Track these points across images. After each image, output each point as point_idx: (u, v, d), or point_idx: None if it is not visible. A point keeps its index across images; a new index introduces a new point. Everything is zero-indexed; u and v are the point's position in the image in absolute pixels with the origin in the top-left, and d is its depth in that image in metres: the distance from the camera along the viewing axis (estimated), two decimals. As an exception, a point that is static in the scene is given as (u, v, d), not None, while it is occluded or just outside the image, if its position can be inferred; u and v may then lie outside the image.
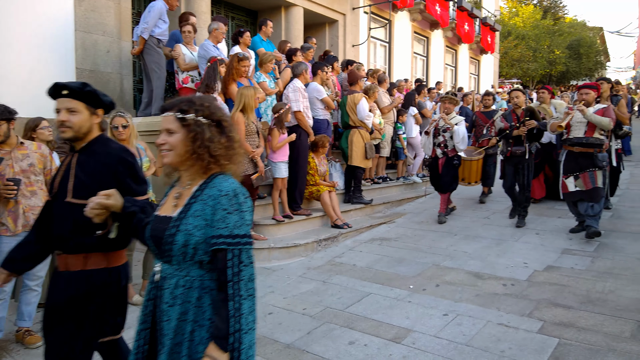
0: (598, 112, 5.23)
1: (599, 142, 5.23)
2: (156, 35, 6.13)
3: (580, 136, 5.28)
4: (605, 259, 4.76)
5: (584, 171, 5.25)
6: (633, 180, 8.69)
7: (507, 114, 6.33)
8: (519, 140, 6.03)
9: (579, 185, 5.29)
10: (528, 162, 6.05)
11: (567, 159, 5.42)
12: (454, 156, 6.48)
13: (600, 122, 5.14)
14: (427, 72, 15.67)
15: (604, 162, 5.19)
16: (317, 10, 10.40)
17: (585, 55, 29.01)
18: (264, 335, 3.62)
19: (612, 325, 3.41)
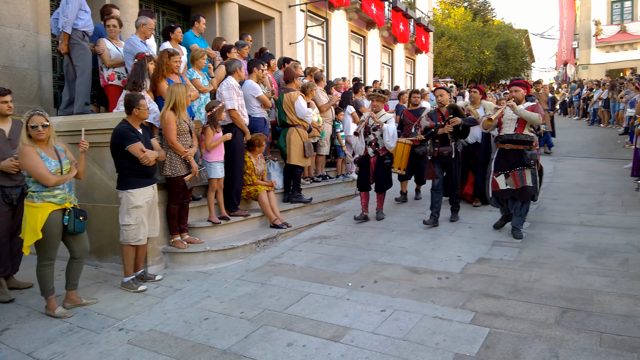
0: (527, 108, 5.33)
1: (529, 139, 5.33)
2: (80, 28, 5.73)
3: (511, 133, 5.37)
4: (531, 249, 5.02)
5: (514, 169, 5.34)
6: (556, 174, 9.28)
7: (432, 112, 6.27)
8: (446, 139, 6.00)
9: (509, 183, 5.36)
10: (455, 161, 6.05)
11: (498, 156, 5.49)
12: (385, 155, 6.43)
13: (530, 118, 5.24)
14: (364, 71, 15.92)
15: (532, 160, 5.26)
16: (252, 7, 10.23)
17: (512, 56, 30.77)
18: (199, 343, 3.50)
19: (538, 313, 3.59)
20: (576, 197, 7.27)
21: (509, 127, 5.42)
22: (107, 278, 4.95)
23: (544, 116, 5.47)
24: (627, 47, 26.47)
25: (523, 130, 5.34)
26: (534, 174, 5.35)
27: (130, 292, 4.54)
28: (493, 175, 5.50)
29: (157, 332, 3.72)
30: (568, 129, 16.24)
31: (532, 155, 5.28)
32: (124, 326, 3.84)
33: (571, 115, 21.12)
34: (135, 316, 4.03)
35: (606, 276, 4.18)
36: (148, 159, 4.45)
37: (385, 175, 6.50)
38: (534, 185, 5.33)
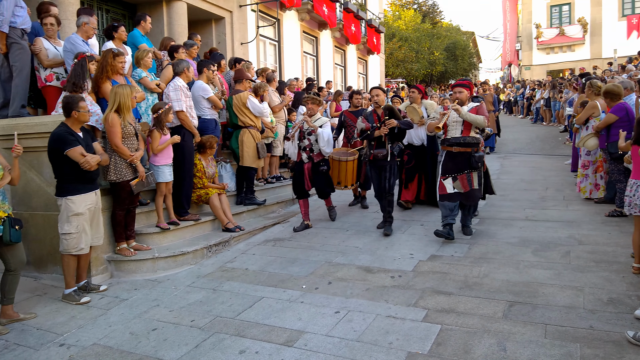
0: (471, 110, 5.25)
1: (476, 141, 5.27)
2: (18, 25, 5.36)
3: (458, 136, 5.26)
4: (480, 245, 5.16)
5: (462, 173, 5.24)
6: (503, 171, 9.65)
7: (368, 114, 5.97)
8: (381, 142, 5.72)
9: (457, 187, 5.25)
10: (390, 164, 5.74)
11: (446, 159, 5.35)
12: (320, 161, 6.12)
13: (475, 120, 5.16)
14: (317, 72, 15.95)
15: (480, 162, 5.21)
16: (202, 6, 9.99)
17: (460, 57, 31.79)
18: (146, 355, 3.36)
19: (487, 307, 3.68)
20: (522, 193, 7.57)
21: (455, 130, 5.30)
22: (47, 290, 4.68)
23: (488, 117, 5.41)
24: (565, 49, 27.97)
25: (469, 133, 5.25)
26: (481, 176, 5.34)
27: (72, 304, 4.31)
28: (440, 178, 5.36)
29: (101, 346, 3.54)
30: (513, 127, 16.95)
31: (480, 158, 5.22)
32: (65, 341, 3.65)
33: (516, 114, 22.10)
34: (77, 330, 3.82)
35: (550, 269, 4.35)
36: (89, 163, 4.23)
37: (323, 180, 6.23)
38: (479, 187, 5.33)
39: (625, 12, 26.09)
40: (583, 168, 6.86)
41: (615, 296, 3.71)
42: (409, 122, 5.92)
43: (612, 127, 5.88)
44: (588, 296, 3.74)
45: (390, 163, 5.71)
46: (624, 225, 5.43)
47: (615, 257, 4.53)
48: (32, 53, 5.55)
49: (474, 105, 5.34)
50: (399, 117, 5.74)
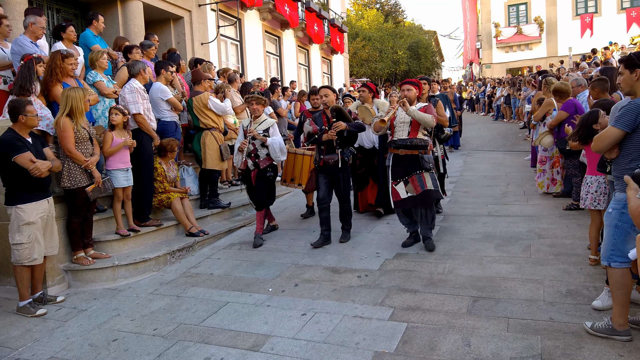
0: (420, 110, 4.91)
1: (424, 143, 4.89)
2: None
3: (405, 137, 4.89)
4: (445, 242, 5.22)
5: (412, 175, 4.88)
6: (466, 168, 9.84)
7: (317, 115, 5.53)
8: (332, 146, 5.30)
9: (409, 190, 4.89)
10: (343, 171, 5.32)
11: (394, 163, 4.98)
12: (267, 167, 5.63)
13: (423, 119, 4.78)
14: (281, 72, 15.85)
15: (430, 163, 4.89)
16: (159, 5, 9.75)
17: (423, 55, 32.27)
18: None
19: (452, 304, 3.72)
20: (485, 189, 7.74)
21: (402, 131, 4.92)
22: (0, 303, 4.45)
23: (436, 117, 5.06)
24: (523, 47, 28.89)
25: (417, 134, 4.87)
26: (434, 177, 4.95)
27: (27, 317, 4.11)
28: (392, 183, 4.97)
29: (58, 359, 3.39)
30: (476, 125, 17.37)
31: (430, 159, 4.90)
32: (21, 356, 3.48)
33: (478, 111, 22.65)
34: (33, 344, 3.65)
35: (512, 263, 4.45)
36: (39, 169, 4.03)
37: (266, 189, 5.67)
38: (435, 188, 4.91)
39: (578, 12, 27.20)
40: (540, 164, 7.06)
41: (573, 288, 3.81)
42: (360, 124, 5.41)
43: (562, 124, 6.05)
44: (548, 289, 3.83)
45: (342, 170, 5.30)
46: (581, 218, 5.61)
47: (573, 249, 4.67)
48: None
49: (421, 105, 5.00)
50: (348, 118, 5.29)
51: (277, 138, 5.61)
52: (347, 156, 5.33)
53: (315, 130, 5.37)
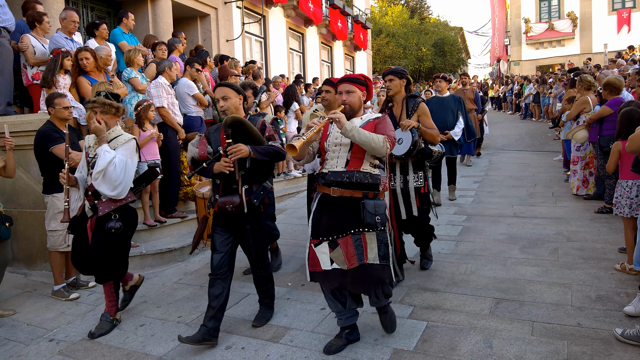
0: (367, 125, 3.05)
1: (371, 180, 2.98)
2: None
3: (340, 170, 3.00)
4: (468, 242, 5.15)
5: (345, 234, 2.97)
6: (491, 167, 9.69)
7: (212, 130, 3.48)
8: (230, 182, 3.29)
9: (337, 259, 2.97)
10: (252, 221, 3.37)
11: (320, 208, 3.08)
12: (111, 212, 3.51)
13: (367, 142, 2.85)
14: (304, 68, 15.88)
15: (378, 215, 2.94)
16: (187, 3, 9.90)
17: (449, 52, 31.81)
18: (134, 350, 3.36)
19: (473, 304, 3.67)
20: (510, 190, 7.60)
21: (336, 159, 3.04)
22: (36, 287, 4.68)
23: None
24: (555, 44, 28.10)
25: (361, 165, 3.00)
26: (384, 241, 3.00)
27: (61, 300, 4.31)
28: (310, 242, 3.06)
29: (89, 341, 3.55)
30: (502, 123, 17.07)
31: (380, 208, 2.97)
32: (55, 336, 3.65)
33: (505, 110, 22.23)
34: (66, 325, 3.83)
35: (538, 266, 4.36)
36: (73, 160, 4.17)
37: (108, 250, 3.54)
38: (383, 262, 2.97)
39: (615, 6, 26.25)
40: (572, 164, 6.87)
41: (603, 293, 3.71)
42: (277, 150, 3.29)
43: (605, 121, 5.79)
44: (576, 293, 3.74)
45: (251, 219, 3.35)
46: (613, 222, 5.44)
47: (605, 253, 4.54)
48: (18, 50, 5.48)
49: (372, 116, 3.14)
50: (256, 137, 3.22)
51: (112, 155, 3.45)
52: (258, 197, 3.34)
53: (204, 156, 3.29)
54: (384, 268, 2.98)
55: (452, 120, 6.43)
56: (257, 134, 3.22)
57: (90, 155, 3.59)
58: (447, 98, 6.60)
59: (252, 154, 3.14)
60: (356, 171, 2.99)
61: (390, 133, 3.01)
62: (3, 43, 5.33)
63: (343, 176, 2.99)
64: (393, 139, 3.03)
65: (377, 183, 3.01)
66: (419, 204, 4.16)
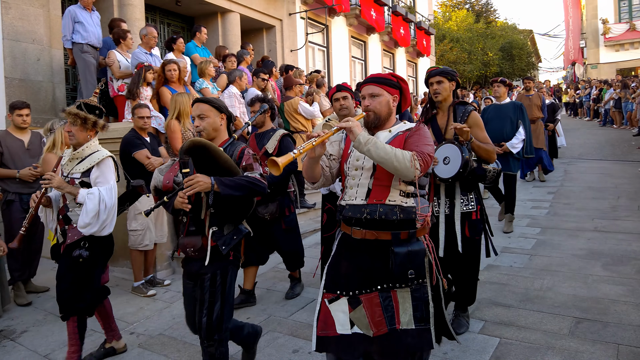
0: (396, 139, 2.32)
1: (402, 216, 2.23)
2: (79, 41, 5.80)
3: (359, 203, 2.28)
4: (543, 257, 4.89)
5: (371, 289, 2.25)
6: (567, 178, 9.13)
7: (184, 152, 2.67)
8: (198, 220, 2.63)
9: (358, 321, 2.24)
10: (215, 272, 2.60)
11: (340, 251, 2.37)
12: (80, 240, 3.06)
13: (389, 161, 2.12)
14: (365, 76, 15.86)
15: (412, 268, 2.21)
16: (253, 16, 10.28)
17: (517, 56, 30.56)
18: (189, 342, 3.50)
19: (551, 323, 3.47)
20: (589, 202, 7.13)
21: (356, 188, 2.32)
22: (118, 282, 4.97)
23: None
24: (637, 45, 26.08)
25: (387, 195, 2.26)
26: (423, 299, 2.26)
27: (140, 296, 4.59)
28: (323, 297, 2.33)
29: (166, 336, 3.72)
30: (579, 130, 16.08)
31: (414, 256, 2.22)
32: (135, 330, 3.88)
33: (582, 116, 20.93)
34: (145, 320, 4.05)
35: (623, 285, 4.05)
36: (153, 165, 4.53)
37: (75, 281, 3.09)
38: (420, 325, 2.23)
39: (703, 3, 24.08)
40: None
41: (697, 315, 3.39)
42: (251, 182, 2.52)
43: None
44: (666, 315, 3.44)
45: (212, 269, 2.60)
46: None
47: (700, 272, 4.14)
48: (104, 66, 5.98)
49: (403, 128, 2.38)
50: (226, 166, 2.53)
51: (98, 191, 3.02)
52: (228, 243, 2.59)
53: (168, 186, 2.65)
54: (422, 333, 2.22)
55: (510, 131, 5.67)
56: (228, 163, 2.52)
57: (64, 173, 3.13)
58: (505, 105, 5.87)
59: (215, 187, 2.42)
60: (380, 204, 2.24)
61: (425, 148, 2.23)
62: (85, 58, 5.84)
63: (363, 211, 2.25)
64: (428, 156, 2.21)
65: (412, 219, 2.24)
66: (468, 233, 3.25)
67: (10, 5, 5.90)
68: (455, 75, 3.41)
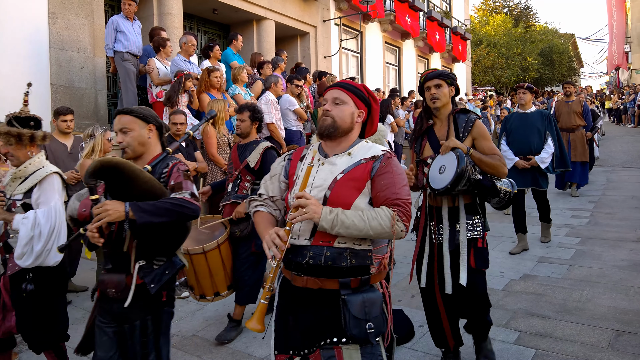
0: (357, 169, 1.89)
1: (354, 262, 1.84)
2: (120, 49, 6.05)
3: (302, 243, 1.87)
4: (582, 267, 4.73)
5: (316, 346, 1.86)
6: (610, 187, 8.79)
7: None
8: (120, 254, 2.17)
9: None
10: (145, 316, 2.19)
11: (282, 304, 1.98)
12: (26, 272, 2.72)
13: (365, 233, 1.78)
14: (399, 82, 15.81)
15: (371, 321, 1.80)
16: (288, 23, 10.42)
17: (557, 61, 29.72)
18: (238, 350, 3.56)
19: (590, 335, 3.36)
20: (632, 211, 6.85)
21: (301, 224, 1.87)
22: None
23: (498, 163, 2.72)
24: (684, 49, 24.98)
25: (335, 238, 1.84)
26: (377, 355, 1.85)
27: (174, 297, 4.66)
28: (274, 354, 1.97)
29: (199, 337, 3.79)
30: (622, 138, 15.46)
31: (371, 306, 1.83)
32: None
33: (626, 123, 20.12)
34: (178, 321, 4.11)
35: (666, 296, 3.87)
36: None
37: (34, 315, 2.76)
38: None
39: None
40: None
41: None
42: (177, 204, 2.06)
43: None
44: None
45: (142, 313, 2.18)
46: None
47: None
48: (144, 73, 6.21)
49: (368, 154, 1.93)
50: (147, 189, 2.08)
51: (34, 215, 2.66)
52: (158, 280, 2.17)
53: (84, 214, 2.19)
54: None
55: (538, 142, 5.17)
56: (149, 184, 2.07)
57: (7, 195, 2.79)
58: (532, 114, 5.28)
59: (130, 214, 1.97)
60: (327, 246, 1.82)
61: (403, 194, 1.83)
62: (126, 66, 6.08)
63: (305, 254, 1.83)
64: (409, 206, 1.84)
65: (366, 264, 1.84)
66: (474, 263, 2.77)
67: (57, 16, 6.21)
68: (456, 79, 2.98)
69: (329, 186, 1.86)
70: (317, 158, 1.96)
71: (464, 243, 2.77)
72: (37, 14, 6.04)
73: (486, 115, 12.51)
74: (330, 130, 1.92)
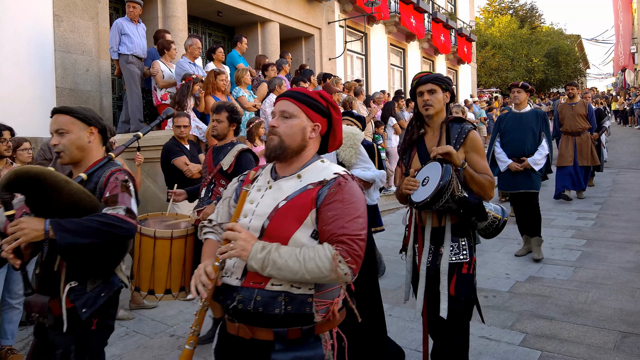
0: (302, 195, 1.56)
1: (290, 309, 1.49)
2: (125, 52, 6.08)
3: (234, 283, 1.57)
4: (588, 269, 4.70)
5: None
6: (616, 188, 8.74)
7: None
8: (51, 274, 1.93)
9: None
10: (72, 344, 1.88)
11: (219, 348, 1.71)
12: None
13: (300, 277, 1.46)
14: (404, 84, 15.79)
15: None
16: (292, 25, 10.44)
17: (563, 63, 29.59)
18: None
19: (595, 337, 3.33)
20: (639, 214, 6.81)
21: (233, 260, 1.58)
22: None
23: (488, 185, 2.38)
24: (691, 50, 24.80)
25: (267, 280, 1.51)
26: None
27: (180, 300, 4.68)
28: None
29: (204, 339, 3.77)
30: (628, 139, 15.36)
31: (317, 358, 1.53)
32: (175, 332, 3.96)
33: (632, 124, 20.01)
34: (184, 323, 4.13)
35: (673, 298, 3.84)
36: (191, 171, 4.65)
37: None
38: None
39: None
40: None
41: None
42: (106, 222, 1.76)
43: None
44: None
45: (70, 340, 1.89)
46: None
47: None
48: (149, 75, 6.24)
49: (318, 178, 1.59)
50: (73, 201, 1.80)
51: None
52: (91, 304, 1.89)
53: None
54: None
55: (532, 144, 5.02)
56: (75, 196, 1.79)
57: None
58: (526, 114, 5.12)
59: (50, 234, 1.69)
60: (259, 289, 1.52)
61: (352, 229, 1.48)
62: (131, 68, 6.11)
63: (234, 297, 1.54)
64: (360, 244, 1.49)
65: (310, 313, 1.50)
66: (454, 291, 2.36)
67: (62, 18, 6.25)
68: (451, 84, 2.65)
69: (268, 215, 1.55)
70: (267, 180, 1.67)
71: (445, 268, 2.37)
72: (42, 17, 6.08)
73: (491, 117, 12.48)
74: (277, 152, 1.60)
